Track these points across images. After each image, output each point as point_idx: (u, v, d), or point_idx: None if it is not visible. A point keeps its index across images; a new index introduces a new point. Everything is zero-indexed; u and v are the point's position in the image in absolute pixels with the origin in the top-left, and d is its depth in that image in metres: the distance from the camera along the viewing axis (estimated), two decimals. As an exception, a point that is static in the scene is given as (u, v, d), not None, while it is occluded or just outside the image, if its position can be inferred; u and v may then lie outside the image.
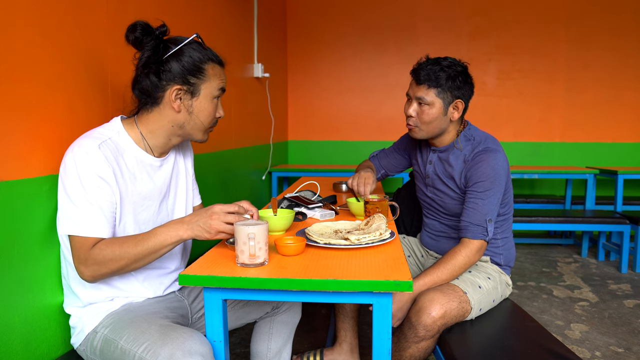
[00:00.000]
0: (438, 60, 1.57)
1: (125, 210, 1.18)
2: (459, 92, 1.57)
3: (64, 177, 1.10)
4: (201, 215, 1.11)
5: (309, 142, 4.72)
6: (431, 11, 4.44)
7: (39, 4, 1.15)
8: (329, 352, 1.92)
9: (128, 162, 1.19)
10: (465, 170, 1.59)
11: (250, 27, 3.28)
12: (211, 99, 1.22)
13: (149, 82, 1.16)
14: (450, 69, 1.54)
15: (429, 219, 1.81)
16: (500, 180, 1.53)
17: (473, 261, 1.51)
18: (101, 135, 1.15)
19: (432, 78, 1.54)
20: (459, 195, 1.63)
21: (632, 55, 4.30)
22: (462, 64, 1.60)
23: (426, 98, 1.56)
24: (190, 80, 1.17)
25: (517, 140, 4.49)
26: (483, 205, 1.50)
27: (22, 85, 1.10)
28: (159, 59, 1.14)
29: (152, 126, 1.22)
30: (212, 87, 1.21)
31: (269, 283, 0.98)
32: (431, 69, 1.55)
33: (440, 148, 1.67)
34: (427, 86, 1.56)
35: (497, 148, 1.57)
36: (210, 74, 1.20)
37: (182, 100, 1.18)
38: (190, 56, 1.16)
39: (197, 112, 1.21)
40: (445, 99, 1.56)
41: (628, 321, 2.55)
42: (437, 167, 1.69)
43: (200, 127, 1.24)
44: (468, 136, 1.63)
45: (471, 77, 1.61)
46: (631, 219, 3.40)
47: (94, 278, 1.11)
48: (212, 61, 1.20)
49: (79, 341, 1.18)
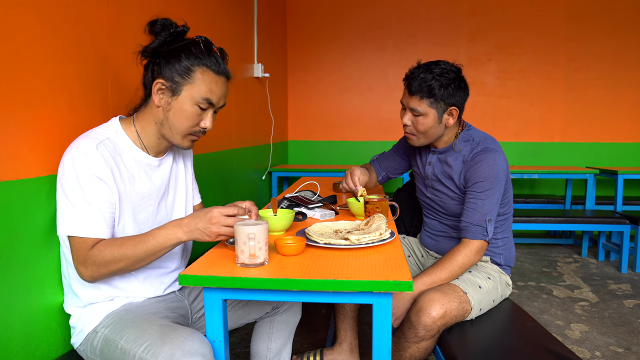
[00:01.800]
0: (430, 68, 1.53)
1: (124, 210, 1.18)
2: (453, 100, 1.54)
3: (62, 178, 1.10)
4: (200, 219, 1.11)
5: (309, 142, 4.72)
6: (431, 11, 4.44)
7: (39, 4, 1.15)
8: (329, 352, 1.92)
9: (126, 162, 1.19)
10: (465, 170, 1.58)
11: (250, 27, 3.27)
12: (192, 103, 1.16)
13: (146, 74, 1.19)
14: (443, 77, 1.51)
15: (429, 218, 1.81)
16: (500, 180, 1.53)
17: (473, 261, 1.50)
18: (99, 135, 1.15)
19: (424, 89, 1.51)
20: (458, 196, 1.63)
21: (632, 55, 4.30)
22: (455, 68, 1.56)
23: (419, 109, 1.55)
24: (174, 78, 1.15)
25: (517, 140, 4.49)
26: (483, 206, 1.50)
27: (22, 85, 1.10)
28: (159, 52, 1.15)
29: (144, 123, 1.22)
30: (195, 91, 1.15)
31: (269, 283, 0.98)
32: (423, 79, 1.51)
33: (439, 149, 1.67)
34: (419, 97, 1.54)
35: (496, 148, 1.57)
36: (197, 78, 1.15)
37: (163, 96, 1.17)
38: (184, 54, 1.15)
39: (173, 111, 1.17)
40: (439, 108, 1.54)
41: (628, 321, 2.55)
42: (437, 168, 1.69)
43: (177, 130, 1.19)
44: (467, 137, 1.63)
45: (464, 80, 1.57)
46: (631, 219, 3.40)
47: (93, 278, 1.11)
48: (207, 68, 1.16)
49: (79, 341, 1.18)
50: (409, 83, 1.56)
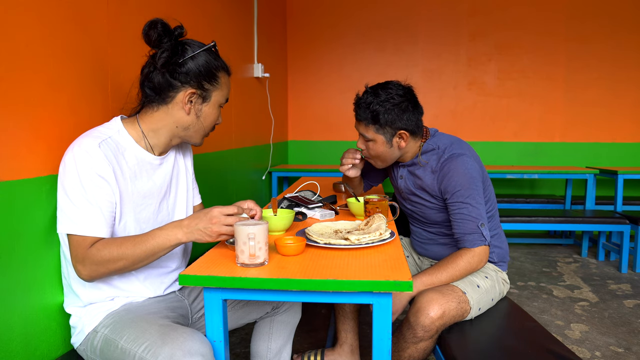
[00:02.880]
0: (377, 92, 1.51)
1: (126, 209, 1.18)
2: (400, 124, 1.52)
3: (63, 176, 1.10)
4: (200, 219, 1.11)
5: (309, 142, 4.72)
6: (431, 11, 4.44)
7: (39, 4, 1.15)
8: (330, 352, 1.92)
9: (128, 161, 1.19)
10: (437, 181, 1.56)
11: (250, 27, 3.28)
12: (217, 106, 1.26)
13: (162, 80, 1.17)
14: (388, 102, 1.49)
15: (415, 227, 1.81)
16: (476, 182, 1.50)
17: (476, 267, 1.49)
18: (101, 134, 1.15)
19: (368, 115, 1.52)
20: (435, 205, 1.62)
21: (632, 55, 4.30)
22: (403, 90, 1.52)
23: (367, 135, 1.57)
24: (204, 86, 1.20)
25: (517, 140, 4.49)
26: (470, 213, 1.48)
27: (23, 85, 1.10)
28: (176, 60, 1.16)
29: (156, 125, 1.22)
30: (221, 95, 1.25)
31: (269, 283, 0.98)
32: (367, 105, 1.51)
33: (407, 163, 1.66)
34: (365, 124, 1.55)
35: (463, 152, 1.54)
36: (222, 82, 1.24)
37: (194, 103, 1.20)
38: (207, 62, 1.18)
39: (204, 117, 1.24)
40: (386, 133, 1.54)
41: (628, 321, 2.55)
42: (408, 181, 1.68)
43: (202, 132, 1.28)
44: (431, 146, 1.60)
45: (414, 101, 1.54)
46: (631, 219, 3.40)
47: (91, 278, 1.11)
48: (224, 70, 1.24)
49: (79, 341, 1.18)
50: (356, 109, 1.57)
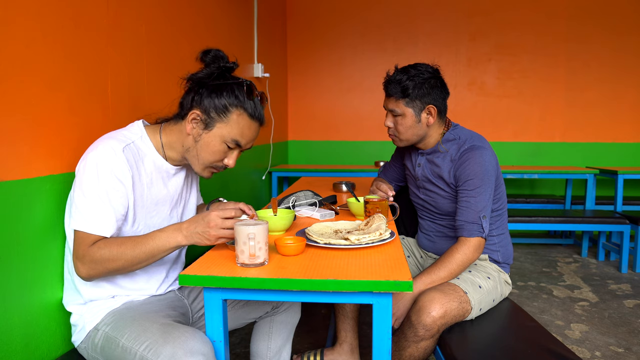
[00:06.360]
0: (406, 69, 1.60)
1: (139, 214, 1.20)
2: (429, 98, 1.59)
3: (83, 174, 1.11)
4: (198, 223, 1.11)
5: (309, 142, 4.72)
6: (431, 11, 4.44)
7: (39, 4, 1.15)
8: (330, 352, 1.92)
9: (147, 167, 1.22)
10: (454, 169, 1.61)
11: (250, 27, 3.28)
12: (221, 141, 1.20)
13: (187, 97, 1.21)
14: (417, 77, 1.57)
15: (424, 220, 1.82)
16: (490, 177, 1.54)
17: (472, 259, 1.51)
18: (125, 137, 1.18)
19: (399, 90, 1.59)
20: (450, 194, 1.65)
21: (632, 55, 4.30)
22: (432, 68, 1.62)
23: (397, 110, 1.62)
24: (210, 113, 1.18)
25: (517, 140, 4.49)
26: (475, 203, 1.52)
27: (23, 85, 1.10)
28: (205, 83, 1.18)
29: (172, 138, 1.24)
30: (227, 131, 1.19)
31: (269, 283, 0.98)
32: (398, 80, 1.59)
33: (427, 150, 1.70)
34: (395, 98, 1.61)
35: (484, 145, 1.59)
36: (232, 119, 1.18)
37: (196, 126, 1.20)
38: (226, 94, 1.18)
39: (201, 144, 1.20)
40: (415, 107, 1.60)
41: (628, 321, 2.55)
42: (426, 168, 1.71)
43: (200, 160, 1.22)
44: (452, 136, 1.66)
45: (441, 79, 1.63)
46: (631, 219, 3.39)
47: (89, 276, 1.11)
48: (244, 110, 1.19)
49: (80, 339, 1.18)
50: (385, 87, 1.64)
